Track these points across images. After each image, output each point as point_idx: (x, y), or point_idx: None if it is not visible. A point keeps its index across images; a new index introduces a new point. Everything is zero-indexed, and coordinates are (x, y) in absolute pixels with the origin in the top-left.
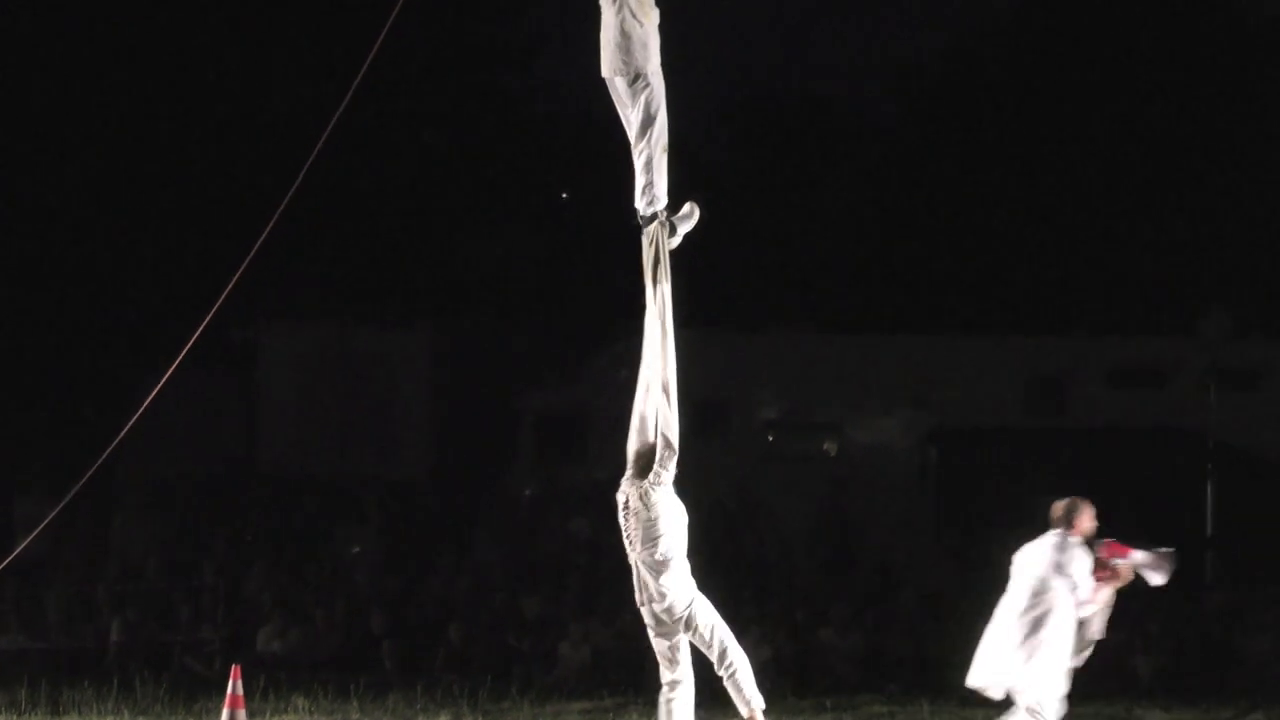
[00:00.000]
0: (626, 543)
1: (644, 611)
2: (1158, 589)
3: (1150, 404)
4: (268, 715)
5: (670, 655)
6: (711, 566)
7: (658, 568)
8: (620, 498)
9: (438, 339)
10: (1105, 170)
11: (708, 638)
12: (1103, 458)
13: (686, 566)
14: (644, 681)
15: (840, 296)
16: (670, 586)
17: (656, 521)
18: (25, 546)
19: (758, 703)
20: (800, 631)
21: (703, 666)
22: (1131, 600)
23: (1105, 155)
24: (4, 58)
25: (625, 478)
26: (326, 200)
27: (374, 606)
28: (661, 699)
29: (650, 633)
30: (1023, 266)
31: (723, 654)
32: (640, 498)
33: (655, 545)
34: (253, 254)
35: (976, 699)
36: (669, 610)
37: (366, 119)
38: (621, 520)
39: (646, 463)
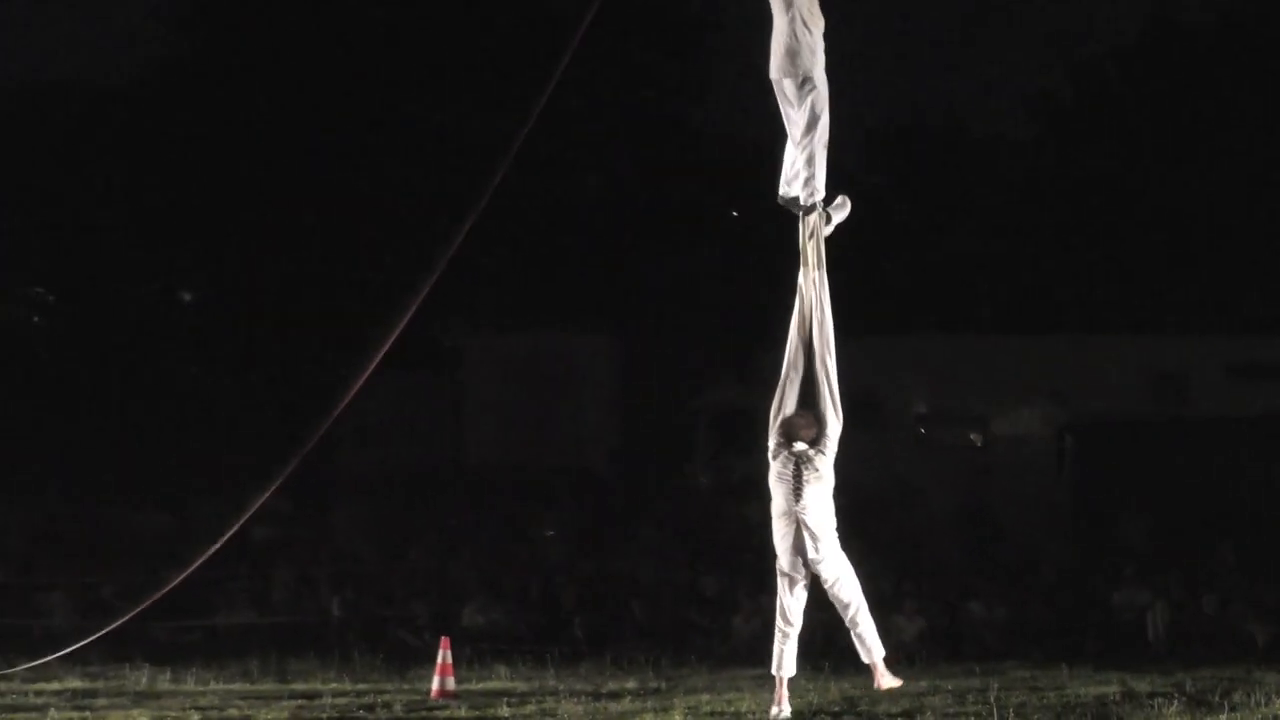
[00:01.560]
0: (789, 499)
1: (783, 559)
2: None
3: (1266, 395)
4: (473, 682)
5: (794, 606)
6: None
7: (822, 524)
8: (783, 464)
9: (621, 344)
10: (1222, 184)
11: (845, 592)
12: (1222, 446)
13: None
14: (808, 652)
15: (983, 301)
16: (828, 540)
17: (828, 485)
18: (253, 533)
19: (879, 652)
20: (950, 605)
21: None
22: (1247, 574)
23: (1221, 167)
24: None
25: (792, 446)
26: (522, 222)
27: (566, 584)
28: (777, 644)
29: (783, 582)
30: (1148, 271)
31: (850, 607)
32: (819, 463)
33: (824, 505)
34: (437, 272)
35: (1111, 664)
36: (822, 564)
37: (558, 147)
38: (787, 480)
39: (816, 435)
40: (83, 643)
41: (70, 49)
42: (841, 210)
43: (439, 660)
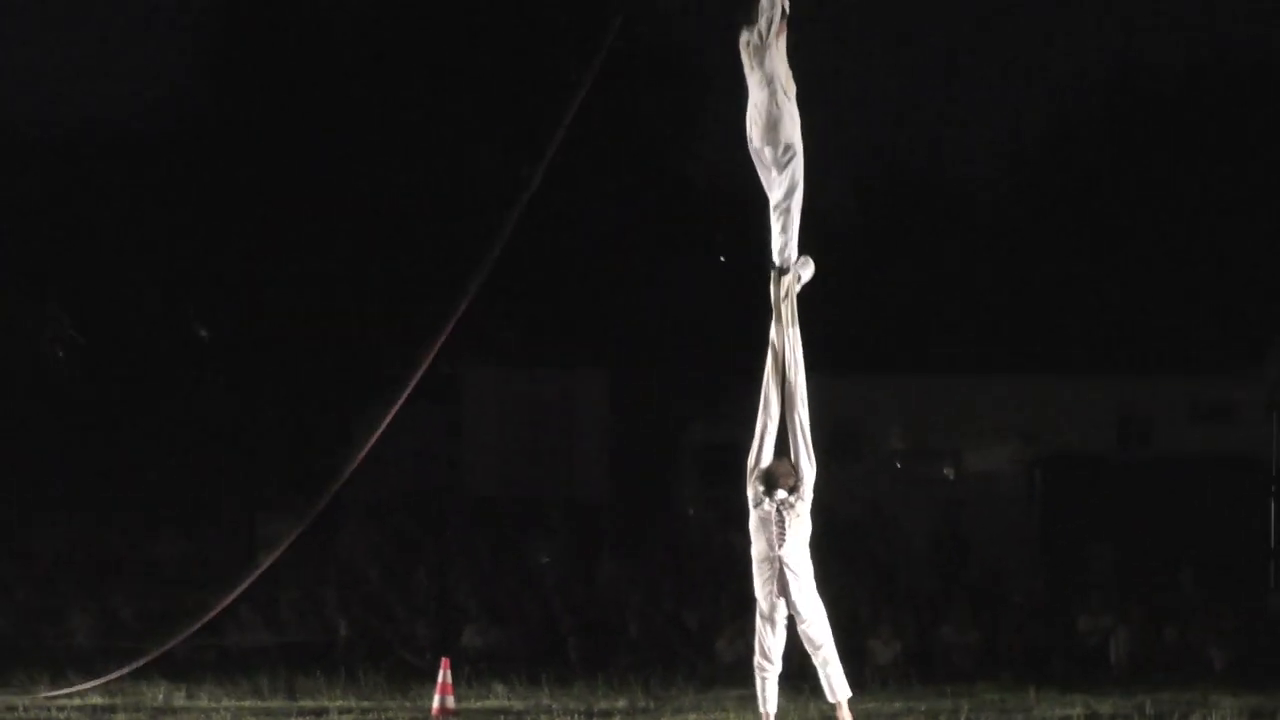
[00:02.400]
0: (772, 544)
1: (764, 603)
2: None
3: (1224, 436)
4: (472, 701)
5: (775, 646)
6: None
7: (800, 568)
8: (764, 512)
9: (613, 380)
10: (1188, 230)
11: (818, 634)
12: (1182, 483)
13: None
14: (789, 672)
15: (957, 343)
16: (807, 582)
17: (807, 529)
18: (267, 558)
19: (844, 693)
20: (924, 629)
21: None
22: (1207, 602)
23: (1187, 213)
24: (246, 138)
25: (773, 495)
26: (519, 262)
27: (561, 608)
28: (760, 683)
29: (763, 624)
30: (1115, 317)
31: (822, 648)
32: (799, 511)
33: (803, 548)
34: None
35: (1076, 687)
36: (799, 604)
37: (558, 194)
38: (769, 526)
39: (794, 483)
40: (144, 660)
41: (97, 98)
42: (808, 268)
43: (439, 679)
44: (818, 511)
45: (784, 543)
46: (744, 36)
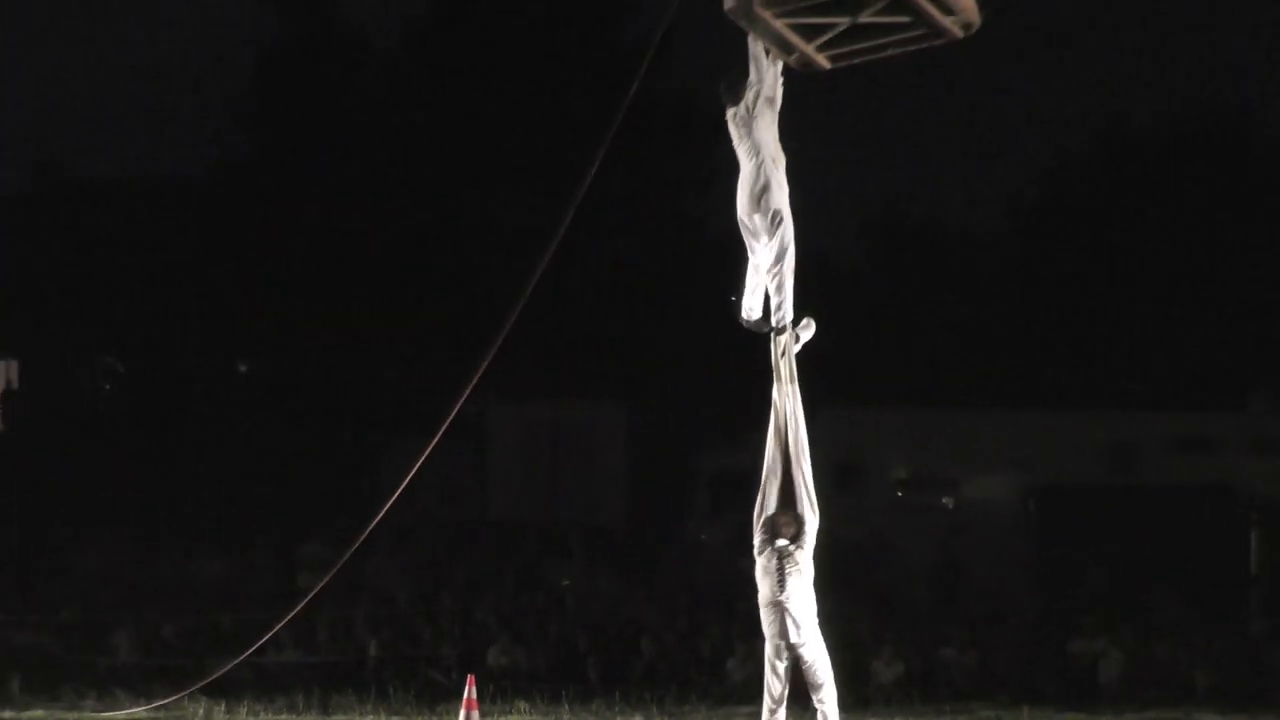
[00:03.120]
0: (774, 590)
1: (769, 645)
2: None
3: (1205, 467)
4: (495, 716)
5: (780, 690)
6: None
7: (804, 611)
8: (768, 559)
9: (629, 413)
10: (1170, 277)
11: (820, 675)
12: (1167, 511)
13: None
14: (796, 691)
15: (957, 379)
16: (809, 625)
17: (808, 576)
18: (299, 579)
19: None
20: (924, 650)
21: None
22: (1191, 626)
23: (1168, 270)
24: (283, 184)
25: (775, 543)
26: (542, 304)
27: (580, 628)
28: (766, 712)
29: (770, 673)
30: (1105, 355)
31: (822, 688)
32: (799, 557)
33: (805, 593)
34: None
35: (1068, 705)
36: (803, 647)
37: (576, 238)
38: (772, 573)
39: (796, 532)
40: (218, 673)
41: (142, 147)
42: (808, 330)
43: (465, 696)
44: (823, 536)
45: (784, 589)
46: (730, 110)
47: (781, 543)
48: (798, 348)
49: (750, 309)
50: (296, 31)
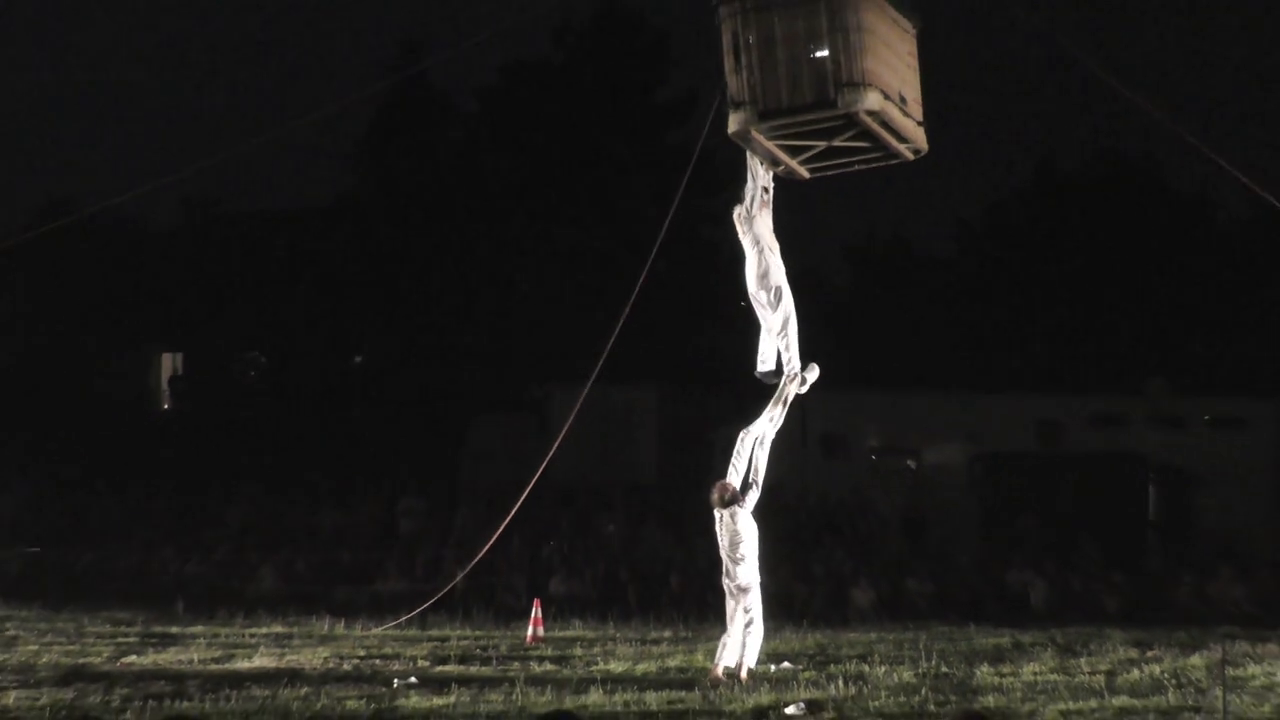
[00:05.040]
0: (719, 540)
1: (726, 583)
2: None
3: (1117, 437)
4: (556, 631)
5: (732, 614)
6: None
7: (738, 559)
8: (717, 517)
9: (660, 396)
10: (1089, 291)
11: (749, 609)
12: (1084, 473)
13: (755, 563)
14: (788, 613)
15: (918, 368)
16: (745, 569)
17: (745, 533)
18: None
19: (751, 662)
20: (893, 580)
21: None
22: (1102, 562)
23: (1088, 281)
24: (390, 214)
25: (720, 510)
26: (595, 304)
27: (621, 564)
28: (736, 631)
29: (728, 595)
30: (1036, 349)
31: (750, 623)
32: (732, 519)
33: (742, 547)
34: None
35: (1005, 624)
36: (740, 586)
37: (627, 259)
38: (719, 532)
39: (728, 499)
40: (424, 605)
41: (275, 186)
42: (813, 373)
43: (533, 615)
44: (815, 492)
45: (723, 541)
46: (736, 210)
47: (717, 509)
48: (805, 389)
49: (765, 363)
50: (399, 94)
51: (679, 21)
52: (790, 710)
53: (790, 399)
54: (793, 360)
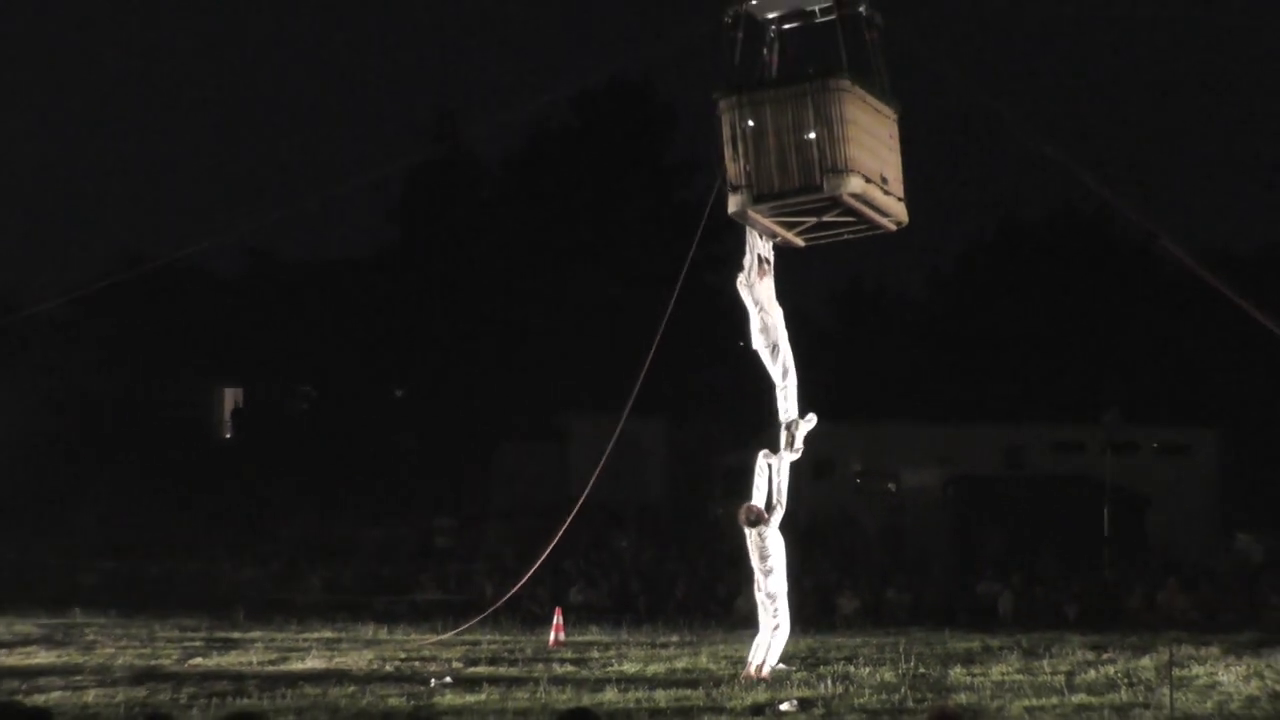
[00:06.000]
0: (752, 559)
1: (757, 594)
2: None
3: (1074, 462)
4: (575, 636)
5: (770, 612)
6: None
7: (765, 572)
8: (747, 535)
9: (669, 425)
10: (1049, 331)
11: (777, 614)
12: (1045, 493)
13: (783, 574)
14: (805, 615)
15: (899, 402)
16: (774, 581)
17: (772, 548)
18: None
19: (773, 662)
20: (875, 590)
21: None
22: (1064, 574)
23: (1046, 324)
24: (425, 261)
25: (749, 529)
26: (608, 344)
27: (633, 576)
28: (765, 633)
29: (759, 604)
30: (1002, 383)
31: (777, 626)
32: (760, 536)
33: (769, 562)
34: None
35: (975, 630)
36: (770, 594)
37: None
38: (749, 548)
39: (753, 520)
40: (492, 609)
41: (321, 237)
42: (810, 423)
43: (554, 622)
44: (806, 510)
45: (753, 556)
46: (739, 278)
47: (745, 527)
48: (801, 437)
49: (786, 413)
50: (434, 155)
51: (684, 90)
52: (784, 707)
53: (801, 437)
54: (791, 410)
